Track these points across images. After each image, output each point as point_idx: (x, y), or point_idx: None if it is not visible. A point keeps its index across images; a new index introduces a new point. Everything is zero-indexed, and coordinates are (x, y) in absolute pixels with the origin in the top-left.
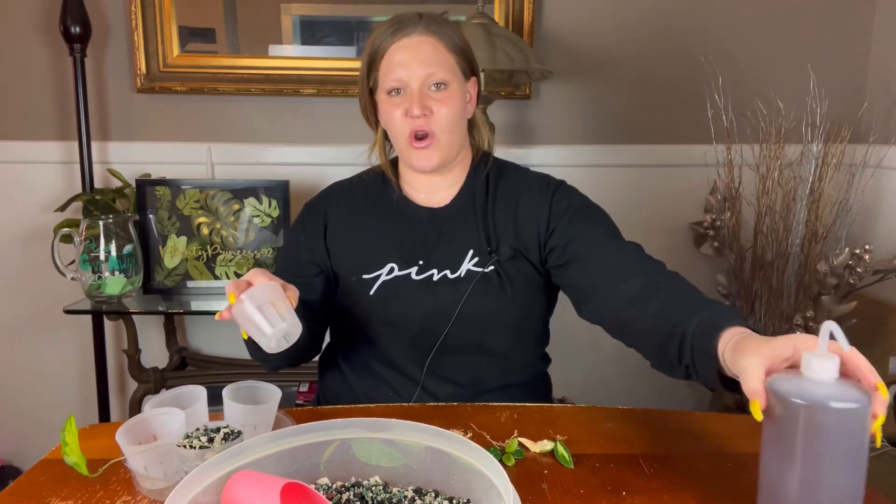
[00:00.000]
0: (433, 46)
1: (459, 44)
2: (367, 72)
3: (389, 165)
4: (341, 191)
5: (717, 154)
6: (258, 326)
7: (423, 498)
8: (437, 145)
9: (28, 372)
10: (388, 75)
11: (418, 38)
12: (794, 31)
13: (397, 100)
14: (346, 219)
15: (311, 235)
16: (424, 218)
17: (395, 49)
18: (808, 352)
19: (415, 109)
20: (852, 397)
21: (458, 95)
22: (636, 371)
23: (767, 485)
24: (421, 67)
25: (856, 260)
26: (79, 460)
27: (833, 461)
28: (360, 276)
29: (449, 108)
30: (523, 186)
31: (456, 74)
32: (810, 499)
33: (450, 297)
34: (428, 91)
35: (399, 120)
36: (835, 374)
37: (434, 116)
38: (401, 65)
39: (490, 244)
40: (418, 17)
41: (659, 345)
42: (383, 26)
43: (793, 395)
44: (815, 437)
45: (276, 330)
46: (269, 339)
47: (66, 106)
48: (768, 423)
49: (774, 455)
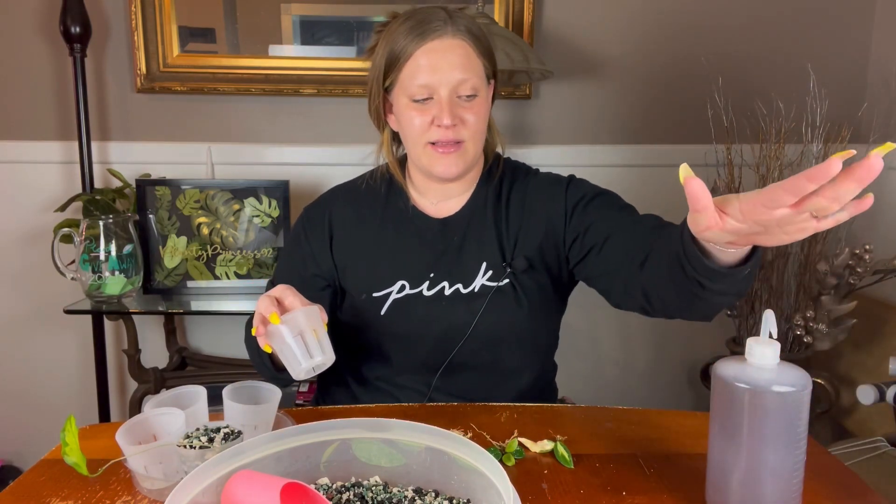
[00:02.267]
0: (465, 51)
1: (488, 46)
2: (385, 71)
3: (399, 168)
4: (346, 197)
5: (717, 154)
6: (295, 355)
7: (423, 498)
8: (463, 153)
9: (28, 372)
10: (413, 79)
11: (450, 42)
12: (794, 31)
13: (423, 107)
14: (354, 230)
15: (316, 247)
16: (435, 227)
17: (424, 52)
18: (751, 339)
19: (445, 119)
20: (792, 381)
21: (486, 102)
22: (636, 371)
23: (715, 464)
24: (453, 73)
25: (856, 260)
26: (79, 460)
27: (775, 441)
28: (369, 294)
29: (478, 117)
30: (535, 190)
31: (483, 81)
32: (754, 476)
33: (464, 313)
34: (457, 99)
35: (420, 127)
36: (776, 360)
37: (464, 126)
38: (430, 69)
39: (504, 257)
40: (445, 13)
41: (673, 283)
42: (405, 24)
43: (738, 380)
44: (758, 418)
45: (311, 362)
46: (301, 371)
47: (66, 106)
48: (715, 406)
49: (721, 436)
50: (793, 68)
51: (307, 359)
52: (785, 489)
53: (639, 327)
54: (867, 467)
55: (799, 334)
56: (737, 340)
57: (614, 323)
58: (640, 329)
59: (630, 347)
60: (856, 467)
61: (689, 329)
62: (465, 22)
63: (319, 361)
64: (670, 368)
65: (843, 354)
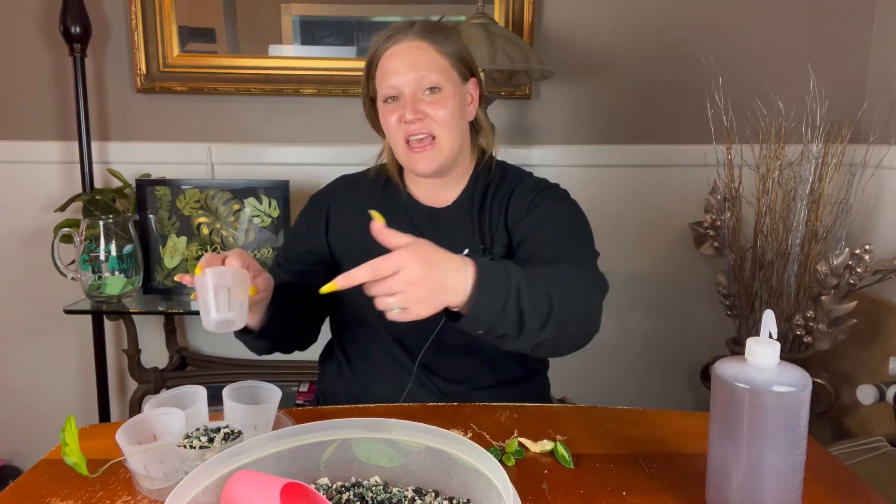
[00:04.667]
0: (423, 51)
1: (453, 47)
2: (366, 80)
3: (396, 168)
4: (346, 186)
5: (717, 154)
6: (206, 305)
7: (423, 498)
8: (437, 148)
9: (28, 372)
10: (382, 82)
11: (408, 44)
12: (794, 31)
13: (392, 106)
14: (349, 214)
15: (313, 228)
16: (425, 217)
17: (388, 56)
18: (751, 339)
19: (407, 114)
20: (792, 381)
21: (453, 97)
22: (636, 371)
23: (715, 464)
24: (412, 72)
25: (856, 260)
26: (79, 460)
27: (775, 441)
28: None
29: (444, 110)
30: (518, 187)
31: (450, 77)
32: (754, 476)
33: None
34: (421, 96)
35: (395, 126)
36: (776, 360)
37: (429, 119)
38: (393, 71)
39: (484, 243)
40: (411, 24)
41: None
42: (379, 36)
43: (738, 380)
44: (758, 418)
45: (218, 316)
46: (210, 322)
47: (66, 106)
48: (715, 406)
49: (721, 436)
50: (793, 68)
51: (217, 311)
52: (785, 489)
53: (639, 327)
54: (867, 467)
55: (799, 334)
56: (737, 340)
57: (614, 323)
58: (640, 329)
59: (630, 347)
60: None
61: (689, 329)
62: (429, 27)
63: (229, 317)
64: (670, 368)
65: (843, 354)
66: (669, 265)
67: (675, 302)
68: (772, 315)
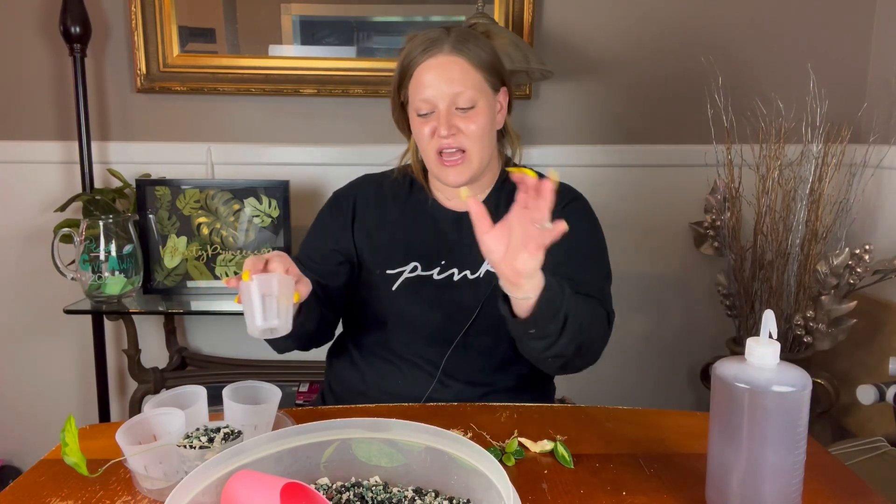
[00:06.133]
0: (460, 66)
1: (487, 59)
2: (398, 87)
3: (421, 170)
4: (373, 184)
5: (717, 154)
6: (252, 313)
7: (423, 498)
8: (467, 162)
9: (28, 372)
10: (416, 95)
11: (445, 59)
12: (794, 31)
13: (426, 119)
14: (375, 213)
15: (338, 225)
16: (450, 220)
17: (424, 69)
18: (751, 339)
19: (442, 130)
20: (792, 381)
21: (486, 112)
22: (636, 371)
23: (715, 464)
24: (448, 88)
25: (856, 260)
26: (79, 460)
27: (775, 441)
28: (383, 270)
29: (476, 125)
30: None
31: (483, 91)
32: (754, 476)
33: (470, 297)
34: (455, 111)
35: (427, 138)
36: (775, 360)
37: (461, 134)
38: (428, 86)
39: None
40: (446, 33)
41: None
42: (415, 43)
43: (738, 380)
44: (758, 418)
45: (265, 324)
46: (255, 329)
47: (66, 106)
48: (715, 406)
49: (721, 436)
50: (793, 68)
51: (264, 319)
52: (785, 489)
53: (639, 327)
54: (867, 467)
55: (799, 334)
56: (737, 340)
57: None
58: (640, 329)
59: (630, 347)
60: (856, 467)
61: (689, 329)
62: (465, 38)
63: (275, 325)
64: (670, 368)
65: (843, 354)
66: (669, 265)
67: (675, 302)
68: (772, 315)
